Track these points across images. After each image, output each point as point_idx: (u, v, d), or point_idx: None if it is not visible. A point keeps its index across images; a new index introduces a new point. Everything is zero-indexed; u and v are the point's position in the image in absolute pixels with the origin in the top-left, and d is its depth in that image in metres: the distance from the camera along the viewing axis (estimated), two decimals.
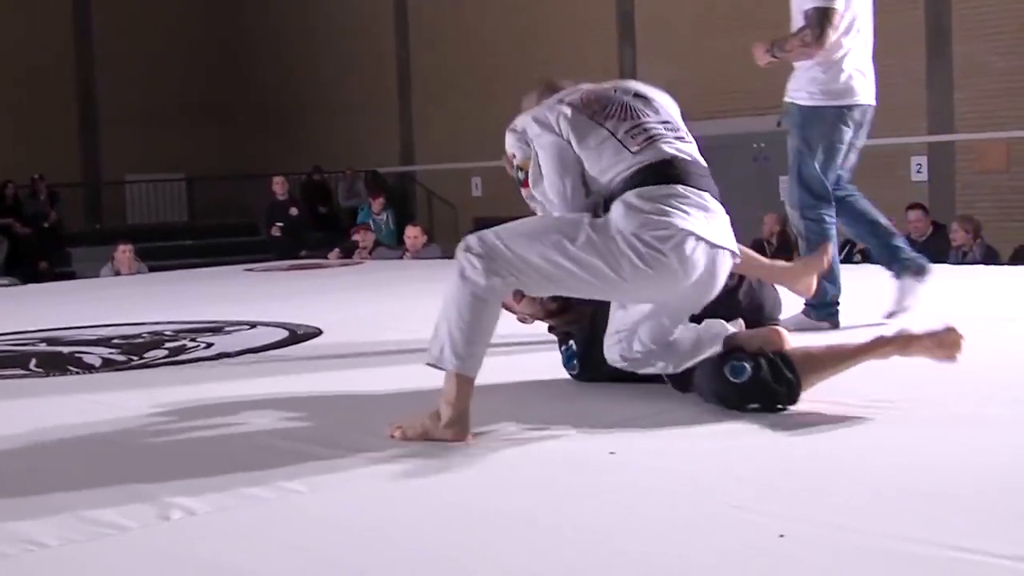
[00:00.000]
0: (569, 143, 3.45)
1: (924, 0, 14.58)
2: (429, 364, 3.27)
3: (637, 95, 3.57)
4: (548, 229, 3.29)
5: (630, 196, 3.27)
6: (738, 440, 3.14)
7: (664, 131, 3.44)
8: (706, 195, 3.34)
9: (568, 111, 3.48)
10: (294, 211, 16.33)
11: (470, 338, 3.19)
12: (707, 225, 3.28)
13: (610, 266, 3.19)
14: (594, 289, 3.29)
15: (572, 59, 17.80)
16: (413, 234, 12.01)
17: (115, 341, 5.67)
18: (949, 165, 14.55)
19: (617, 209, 3.27)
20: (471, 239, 3.26)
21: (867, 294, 5.51)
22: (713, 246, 3.29)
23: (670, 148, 3.38)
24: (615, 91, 3.58)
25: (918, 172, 14.73)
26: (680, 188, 3.29)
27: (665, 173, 3.31)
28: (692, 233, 3.22)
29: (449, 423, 3.20)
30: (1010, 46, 13.92)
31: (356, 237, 12.46)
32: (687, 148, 3.44)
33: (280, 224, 15.90)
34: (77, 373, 4.84)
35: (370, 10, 20.78)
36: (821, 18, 5.13)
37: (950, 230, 11.18)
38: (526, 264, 3.21)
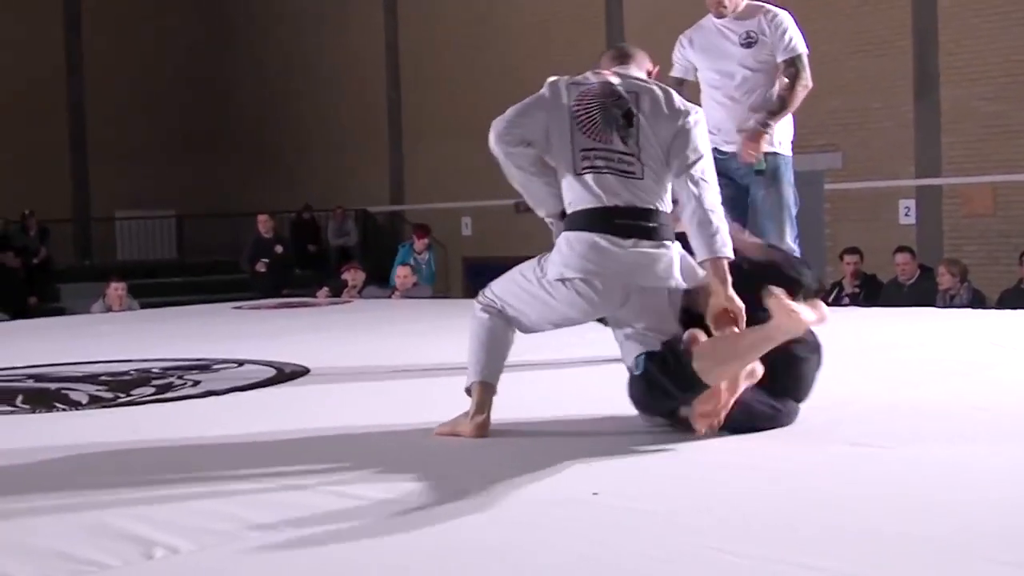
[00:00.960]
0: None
1: (912, 45, 14.70)
2: (466, 390, 3.90)
3: (626, 114, 3.78)
4: (512, 272, 3.98)
5: (563, 238, 3.82)
6: (720, 476, 3.16)
7: (610, 163, 3.74)
8: (627, 241, 3.69)
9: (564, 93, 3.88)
10: (279, 249, 16.32)
11: (481, 356, 3.88)
12: (617, 265, 3.70)
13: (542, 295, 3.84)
14: (540, 310, 3.88)
15: None
16: (403, 274, 12.03)
17: (103, 378, 5.67)
18: (937, 208, 14.64)
19: (558, 244, 3.83)
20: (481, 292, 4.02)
21: (853, 335, 5.54)
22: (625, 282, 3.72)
23: (588, 192, 3.74)
24: (607, 98, 3.82)
25: (906, 215, 14.81)
26: (598, 238, 3.71)
27: (589, 223, 3.74)
28: (600, 274, 3.71)
29: (471, 421, 3.80)
30: (996, 90, 14.03)
31: (345, 276, 12.46)
32: (613, 188, 3.72)
33: (265, 260, 15.89)
34: (63, 410, 4.83)
35: (361, 50, 20.89)
36: (806, 62, 5.49)
37: (937, 273, 11.23)
38: (501, 298, 3.92)
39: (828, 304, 5.58)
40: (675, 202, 3.84)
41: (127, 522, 2.84)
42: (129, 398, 5.05)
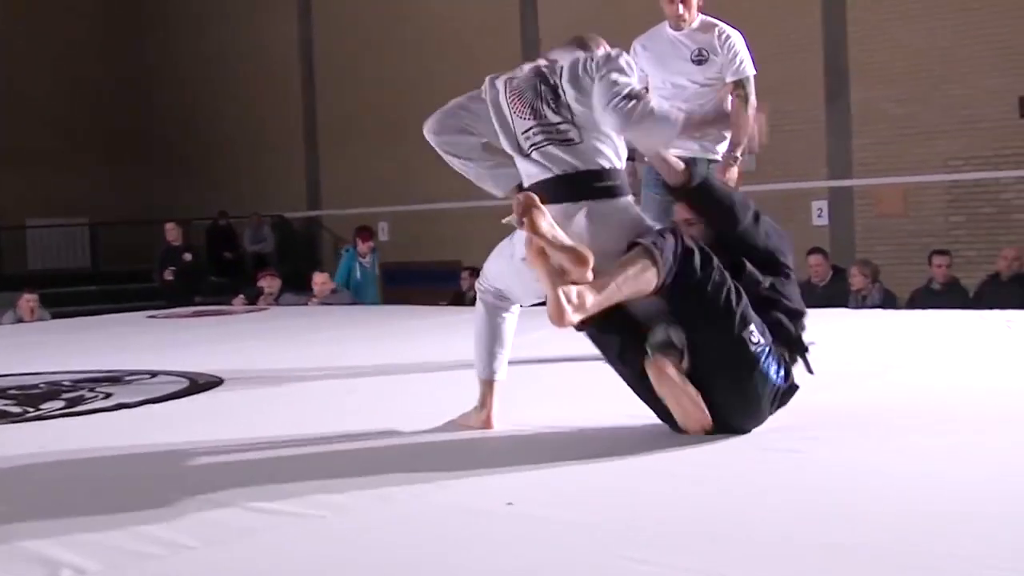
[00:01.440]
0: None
1: (822, 48, 14.89)
2: None
3: (552, 87, 3.90)
4: (497, 249, 4.23)
5: None
6: (645, 483, 3.17)
7: (549, 136, 3.86)
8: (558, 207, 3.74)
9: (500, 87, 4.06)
10: (188, 256, 16.14)
11: (478, 352, 4.16)
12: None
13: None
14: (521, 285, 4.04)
15: None
16: (320, 280, 11.95)
17: (11, 392, 5.56)
18: (849, 209, 14.83)
19: None
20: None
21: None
22: None
23: (536, 167, 3.88)
24: (535, 79, 3.95)
25: (819, 216, 14.99)
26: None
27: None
28: None
29: (476, 416, 4.08)
30: (905, 92, 14.25)
31: (262, 283, 12.35)
32: (557, 157, 3.83)
33: (173, 268, 15.71)
34: None
35: (275, 54, 20.73)
36: (753, 84, 5.87)
37: (849, 274, 11.37)
38: (489, 277, 4.19)
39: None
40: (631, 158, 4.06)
41: (30, 541, 2.78)
42: (38, 412, 4.96)
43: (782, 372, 3.71)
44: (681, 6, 5.80)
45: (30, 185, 20.73)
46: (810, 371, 3.82)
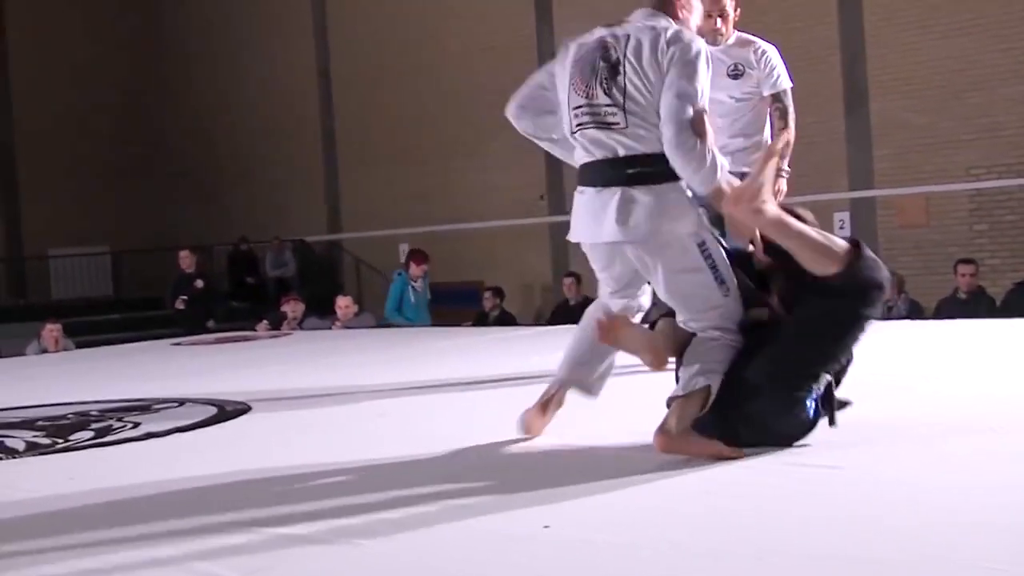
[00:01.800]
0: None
1: (840, 60, 14.86)
2: None
3: (612, 64, 3.77)
4: None
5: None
6: (681, 503, 3.14)
7: (594, 118, 3.77)
8: (588, 191, 3.84)
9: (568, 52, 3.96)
10: (199, 283, 16.10)
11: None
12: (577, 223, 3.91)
13: None
14: None
15: (500, 123, 17.89)
16: (344, 304, 11.93)
17: (39, 423, 5.56)
18: (871, 220, 14.78)
19: None
20: None
21: None
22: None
23: (582, 149, 3.86)
24: (596, 52, 3.82)
25: (841, 228, 14.92)
26: (578, 197, 3.92)
27: (580, 180, 3.92)
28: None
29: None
30: (924, 103, 14.21)
31: (285, 308, 12.35)
32: (599, 140, 3.77)
33: (184, 297, 15.69)
34: (0, 458, 4.73)
35: (294, 78, 20.81)
36: (791, 96, 5.96)
37: None
38: None
39: None
40: None
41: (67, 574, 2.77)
42: (67, 443, 4.95)
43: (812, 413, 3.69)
44: (719, 20, 5.82)
45: (52, 215, 20.87)
46: (832, 423, 3.74)
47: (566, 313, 12.97)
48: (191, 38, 22.39)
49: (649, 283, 3.97)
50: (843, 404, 3.76)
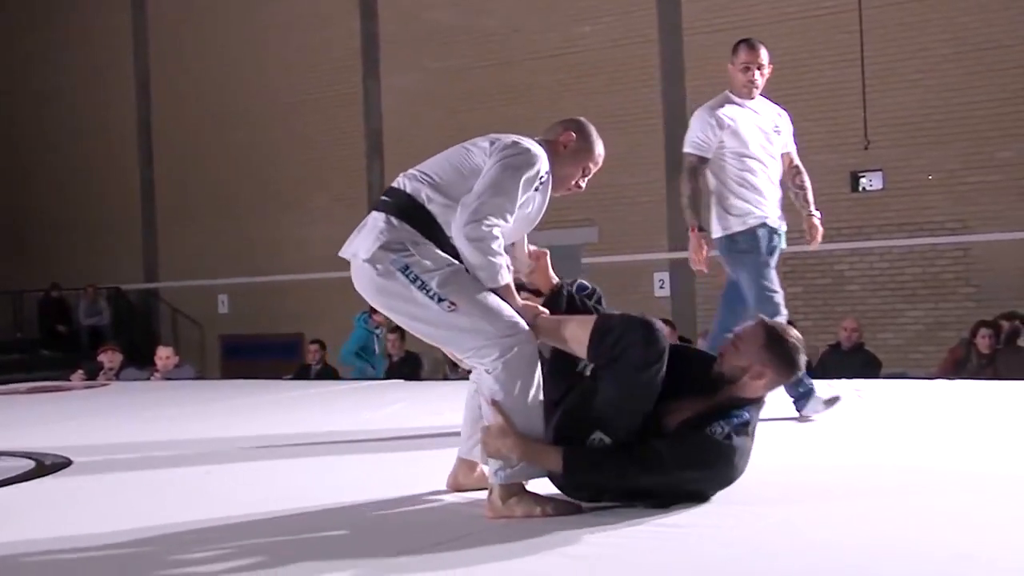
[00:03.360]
0: None
1: (663, 123, 15.22)
2: None
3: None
4: None
5: None
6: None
7: (409, 172, 3.94)
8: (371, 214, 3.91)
9: None
10: None
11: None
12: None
13: None
14: None
15: (323, 176, 17.83)
16: (165, 355, 11.66)
17: None
18: (690, 280, 15.09)
19: None
20: None
21: None
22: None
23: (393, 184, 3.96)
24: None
25: (661, 288, 15.24)
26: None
27: None
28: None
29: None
30: None
31: (102, 358, 11.99)
32: (399, 182, 3.91)
33: None
34: None
35: (114, 125, 20.38)
36: None
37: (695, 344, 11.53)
38: None
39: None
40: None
41: None
42: None
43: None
44: (757, 72, 5.98)
45: None
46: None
47: (390, 370, 12.92)
48: (9, 77, 21.70)
49: None
50: None
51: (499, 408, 3.64)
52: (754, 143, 6.03)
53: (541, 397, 3.72)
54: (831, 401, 5.91)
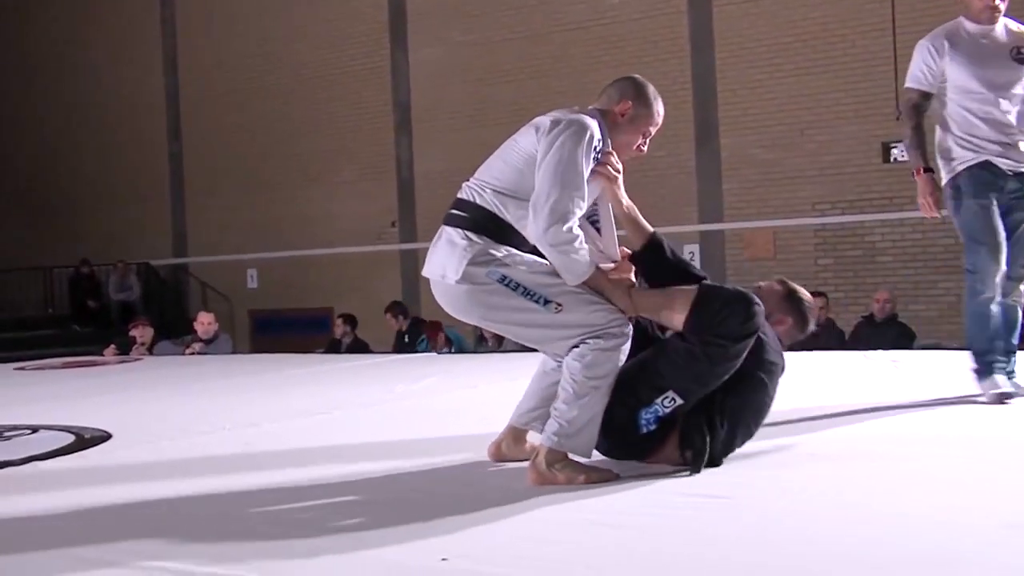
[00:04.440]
0: None
1: (692, 95, 15.14)
2: None
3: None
4: None
5: None
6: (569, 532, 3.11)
7: (471, 182, 3.92)
8: (443, 229, 3.90)
9: None
10: None
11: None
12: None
13: None
14: None
15: (350, 150, 17.82)
16: (207, 320, 11.59)
17: None
18: (720, 253, 15.07)
19: None
20: None
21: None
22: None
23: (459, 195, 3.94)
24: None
25: (691, 258, 15.18)
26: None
27: None
28: None
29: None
30: (772, 139, 14.57)
31: (134, 332, 12.03)
32: (465, 192, 3.90)
33: None
34: None
35: (142, 101, 20.42)
36: None
37: None
38: None
39: None
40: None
41: None
42: None
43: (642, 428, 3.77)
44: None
45: None
46: (694, 471, 3.77)
47: (401, 346, 13.03)
48: (36, 61, 21.76)
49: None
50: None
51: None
52: (985, 73, 5.26)
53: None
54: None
